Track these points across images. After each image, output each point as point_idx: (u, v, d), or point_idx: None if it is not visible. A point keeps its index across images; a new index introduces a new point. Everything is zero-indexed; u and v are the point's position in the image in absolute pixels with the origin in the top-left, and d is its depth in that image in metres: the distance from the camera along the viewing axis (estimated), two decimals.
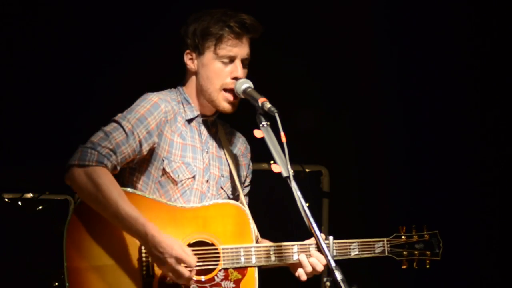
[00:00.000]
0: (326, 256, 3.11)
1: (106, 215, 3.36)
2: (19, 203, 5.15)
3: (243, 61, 3.63)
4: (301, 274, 3.61)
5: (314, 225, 3.16)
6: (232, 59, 3.60)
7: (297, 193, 3.19)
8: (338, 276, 3.03)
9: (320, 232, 3.20)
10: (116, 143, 3.42)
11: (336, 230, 5.54)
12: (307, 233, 3.56)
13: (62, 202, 5.18)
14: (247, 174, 3.86)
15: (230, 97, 3.61)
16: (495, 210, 5.41)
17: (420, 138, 5.57)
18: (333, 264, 3.07)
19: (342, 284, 3.00)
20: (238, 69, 3.59)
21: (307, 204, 3.18)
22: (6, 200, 5.13)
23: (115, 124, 3.48)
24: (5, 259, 5.03)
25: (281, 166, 3.26)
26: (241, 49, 3.61)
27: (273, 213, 5.16)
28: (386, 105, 5.63)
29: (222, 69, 3.60)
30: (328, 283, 3.05)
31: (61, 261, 3.42)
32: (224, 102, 3.62)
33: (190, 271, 3.37)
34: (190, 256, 3.37)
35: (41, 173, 5.09)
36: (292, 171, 3.24)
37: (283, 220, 5.04)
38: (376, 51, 5.57)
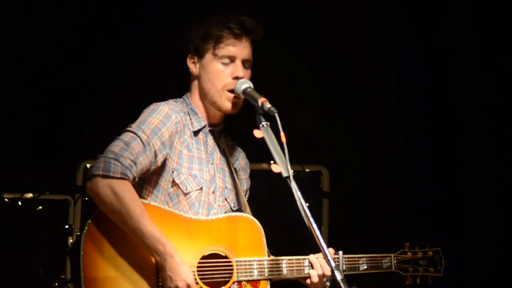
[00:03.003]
0: (326, 256, 3.10)
1: (125, 228, 3.36)
2: (19, 203, 5.15)
3: (244, 63, 3.62)
4: (313, 275, 3.58)
5: (314, 225, 3.16)
6: (232, 59, 3.60)
7: (297, 193, 3.19)
8: (338, 276, 3.03)
9: (320, 232, 3.20)
10: (136, 154, 3.40)
11: (336, 230, 5.56)
12: (307, 234, 3.57)
13: (62, 202, 5.19)
14: (247, 189, 3.87)
15: (232, 96, 3.60)
16: (495, 217, 5.42)
17: (419, 138, 5.57)
18: (333, 264, 3.07)
19: (342, 284, 3.00)
20: (238, 69, 3.59)
21: (307, 204, 3.17)
22: (6, 200, 5.13)
23: (132, 134, 3.45)
24: (5, 259, 5.03)
25: (281, 166, 3.26)
26: (241, 50, 3.61)
27: (273, 214, 5.16)
28: (386, 105, 5.63)
29: (223, 70, 3.60)
30: (328, 283, 3.05)
31: (60, 260, 3.41)
32: (226, 102, 3.61)
33: None
34: None
35: (41, 173, 5.10)
36: (292, 171, 3.24)
37: (283, 220, 5.04)
38: (377, 52, 5.57)
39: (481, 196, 5.41)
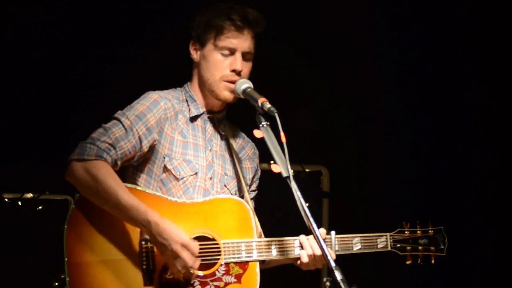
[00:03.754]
0: (326, 256, 3.10)
1: (107, 207, 3.38)
2: (19, 203, 5.15)
3: (244, 55, 3.63)
4: (303, 255, 3.56)
5: (314, 225, 3.16)
6: (232, 51, 3.61)
7: (297, 193, 3.19)
8: (338, 276, 3.02)
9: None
10: (115, 138, 3.44)
11: (336, 230, 5.54)
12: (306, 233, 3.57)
13: (62, 202, 5.18)
14: (254, 179, 3.86)
15: (231, 85, 3.61)
16: (497, 205, 5.41)
17: (420, 138, 5.57)
18: (333, 264, 3.07)
19: (342, 284, 3.00)
20: (237, 61, 3.60)
21: (307, 204, 3.17)
22: (6, 200, 5.13)
23: (114, 121, 3.51)
24: (5, 259, 5.03)
25: (281, 166, 3.26)
26: (242, 42, 3.61)
27: (272, 214, 5.15)
28: (387, 105, 5.63)
29: (222, 61, 3.61)
30: (328, 283, 3.04)
31: (60, 260, 3.42)
32: (224, 91, 3.63)
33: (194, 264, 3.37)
34: (193, 243, 3.37)
35: (41, 173, 5.09)
36: (292, 171, 3.24)
37: (283, 221, 5.04)
38: (377, 51, 5.57)
39: (484, 191, 5.42)
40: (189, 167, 3.61)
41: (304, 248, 3.56)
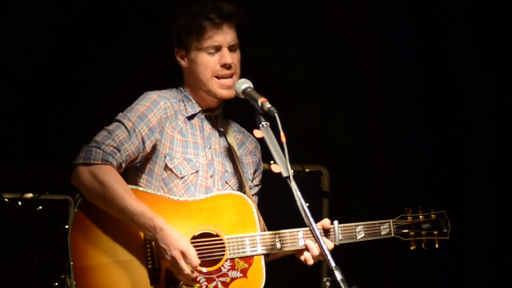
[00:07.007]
0: (325, 256, 3.10)
1: (113, 211, 3.40)
2: (19, 203, 5.15)
3: (230, 47, 3.64)
4: (308, 258, 3.59)
5: (314, 225, 3.16)
6: (218, 48, 3.63)
7: (297, 193, 3.20)
8: (338, 276, 3.02)
9: (320, 232, 3.20)
10: (119, 141, 3.46)
11: None
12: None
13: (62, 202, 5.19)
14: (257, 174, 3.87)
15: (224, 81, 3.63)
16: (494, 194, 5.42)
17: (420, 139, 5.57)
18: (333, 264, 3.07)
19: (342, 284, 3.00)
20: (225, 56, 3.62)
21: (307, 204, 3.18)
22: (6, 200, 5.13)
23: (116, 123, 3.53)
24: (5, 259, 5.03)
25: (281, 166, 3.27)
26: (225, 37, 3.62)
27: (272, 214, 5.15)
28: (386, 105, 5.63)
29: (210, 59, 3.63)
30: (328, 283, 3.04)
31: (61, 260, 3.43)
32: (219, 89, 3.65)
33: (192, 271, 3.38)
34: (194, 254, 3.39)
35: (41, 173, 5.10)
36: (292, 171, 3.25)
37: (282, 220, 5.04)
38: (377, 51, 5.57)
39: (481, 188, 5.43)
40: (189, 166, 3.62)
41: (310, 250, 3.57)
